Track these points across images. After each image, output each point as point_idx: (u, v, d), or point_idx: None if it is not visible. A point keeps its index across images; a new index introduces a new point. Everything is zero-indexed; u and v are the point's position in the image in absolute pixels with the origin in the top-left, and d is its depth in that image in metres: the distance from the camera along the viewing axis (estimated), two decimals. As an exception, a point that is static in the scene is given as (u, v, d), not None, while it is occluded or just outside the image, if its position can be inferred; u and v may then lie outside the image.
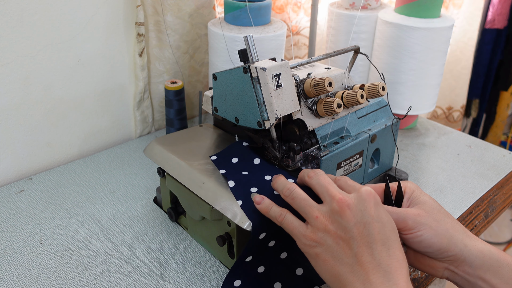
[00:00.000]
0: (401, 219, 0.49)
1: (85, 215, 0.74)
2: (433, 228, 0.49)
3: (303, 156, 0.64)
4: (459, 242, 0.49)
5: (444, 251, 0.49)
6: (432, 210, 0.50)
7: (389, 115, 0.76)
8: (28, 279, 0.61)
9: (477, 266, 0.48)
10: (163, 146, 0.68)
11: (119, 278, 0.62)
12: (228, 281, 0.57)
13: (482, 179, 0.85)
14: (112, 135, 0.96)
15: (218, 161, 0.64)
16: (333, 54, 0.70)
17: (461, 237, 0.49)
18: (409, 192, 0.53)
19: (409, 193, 0.53)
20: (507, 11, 1.74)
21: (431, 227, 0.49)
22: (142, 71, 0.92)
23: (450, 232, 0.49)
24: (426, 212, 0.50)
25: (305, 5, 1.18)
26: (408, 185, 0.54)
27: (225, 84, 0.63)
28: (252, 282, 0.57)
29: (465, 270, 0.49)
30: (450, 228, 0.49)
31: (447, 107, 1.81)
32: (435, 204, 0.52)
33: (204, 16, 0.98)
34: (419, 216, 0.49)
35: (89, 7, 0.82)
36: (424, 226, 0.49)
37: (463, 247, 0.49)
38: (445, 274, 0.50)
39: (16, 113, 0.80)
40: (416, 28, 0.89)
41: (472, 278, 0.49)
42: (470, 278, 0.49)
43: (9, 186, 0.80)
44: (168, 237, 0.69)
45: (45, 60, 0.80)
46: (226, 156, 0.65)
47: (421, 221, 0.49)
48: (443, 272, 0.50)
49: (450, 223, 0.50)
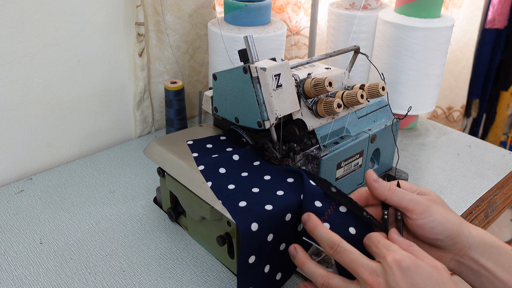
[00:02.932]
0: (415, 201, 0.49)
1: (85, 215, 0.73)
2: (443, 215, 0.49)
3: (303, 156, 0.64)
4: (465, 229, 0.49)
5: (453, 238, 0.49)
6: (438, 200, 0.51)
7: (389, 115, 0.76)
8: (28, 279, 0.61)
9: (480, 253, 0.49)
10: (163, 146, 0.68)
11: (119, 278, 0.62)
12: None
13: (482, 179, 0.85)
14: (112, 135, 0.96)
15: (193, 145, 0.65)
16: (333, 54, 0.70)
17: (466, 225, 0.50)
18: (408, 188, 0.53)
19: (408, 189, 0.53)
20: (507, 11, 1.74)
21: (442, 213, 0.49)
22: (142, 71, 0.92)
23: (457, 219, 0.49)
24: (434, 201, 0.50)
25: (305, 5, 1.18)
26: (403, 183, 0.54)
27: (225, 84, 0.63)
28: (262, 284, 0.57)
29: (470, 258, 0.49)
30: (456, 216, 0.50)
31: (447, 107, 1.81)
32: (438, 196, 0.52)
33: (204, 16, 0.98)
34: (430, 201, 0.50)
35: (89, 7, 0.82)
36: (435, 212, 0.49)
37: (468, 234, 0.49)
38: (450, 265, 0.51)
39: (16, 113, 0.80)
40: (416, 28, 0.89)
41: (476, 267, 0.49)
42: (475, 266, 0.49)
43: (9, 186, 0.80)
44: (168, 237, 0.69)
45: (45, 60, 0.80)
46: (202, 142, 0.66)
47: (433, 206, 0.49)
48: (449, 264, 0.51)
49: (456, 214, 0.51)
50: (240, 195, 0.57)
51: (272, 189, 0.57)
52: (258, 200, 0.55)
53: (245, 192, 0.57)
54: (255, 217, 0.53)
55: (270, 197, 0.56)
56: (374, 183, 0.51)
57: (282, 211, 0.54)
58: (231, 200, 0.56)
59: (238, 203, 0.55)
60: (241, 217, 0.53)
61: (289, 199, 0.55)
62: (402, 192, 0.50)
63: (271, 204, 0.54)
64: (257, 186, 0.58)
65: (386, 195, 0.50)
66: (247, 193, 0.57)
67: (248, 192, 0.57)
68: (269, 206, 0.54)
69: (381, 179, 0.52)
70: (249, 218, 0.53)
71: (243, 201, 0.55)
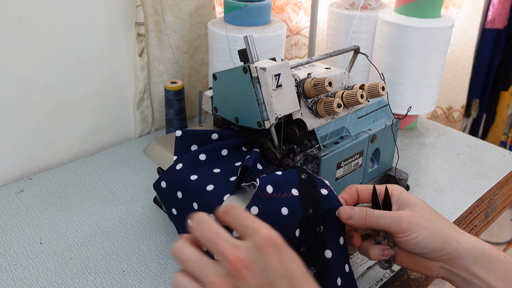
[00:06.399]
0: (395, 222, 0.49)
1: (85, 215, 0.74)
2: (427, 228, 0.48)
3: (303, 156, 0.64)
4: (453, 239, 0.49)
5: (439, 250, 0.48)
6: (423, 211, 0.50)
7: (389, 115, 0.76)
8: (28, 279, 0.61)
9: (471, 262, 0.48)
10: (163, 146, 0.68)
11: (119, 278, 0.62)
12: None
13: (482, 179, 0.85)
14: (112, 135, 0.96)
15: (179, 141, 0.64)
16: (333, 54, 0.70)
17: (454, 234, 0.49)
18: (396, 194, 0.53)
19: (396, 195, 0.53)
20: (507, 11, 1.74)
21: (426, 228, 0.48)
22: (142, 71, 0.92)
23: (443, 231, 0.49)
24: (418, 213, 0.50)
25: (305, 5, 1.18)
26: (394, 188, 0.54)
27: (225, 84, 0.63)
28: None
29: (461, 267, 0.49)
30: (443, 227, 0.49)
31: (447, 107, 1.81)
32: (425, 204, 0.52)
33: (204, 16, 0.98)
34: (412, 217, 0.49)
35: (89, 7, 0.82)
36: (419, 227, 0.48)
37: (457, 244, 0.49)
38: (440, 273, 0.50)
39: (16, 113, 0.80)
40: (416, 28, 0.89)
41: (467, 275, 0.49)
42: (465, 275, 0.49)
43: (9, 186, 0.80)
44: (168, 237, 0.69)
45: (45, 60, 0.80)
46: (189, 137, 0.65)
47: (415, 222, 0.49)
48: (438, 272, 0.50)
49: (442, 222, 0.50)
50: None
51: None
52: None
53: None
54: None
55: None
56: (348, 221, 0.51)
57: None
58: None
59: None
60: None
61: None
62: (380, 216, 0.50)
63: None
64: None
65: (365, 224, 0.50)
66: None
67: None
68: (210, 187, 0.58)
69: (354, 208, 0.50)
70: None
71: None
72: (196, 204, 0.59)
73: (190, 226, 0.40)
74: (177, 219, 0.63)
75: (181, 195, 0.60)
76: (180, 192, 0.60)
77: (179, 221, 0.63)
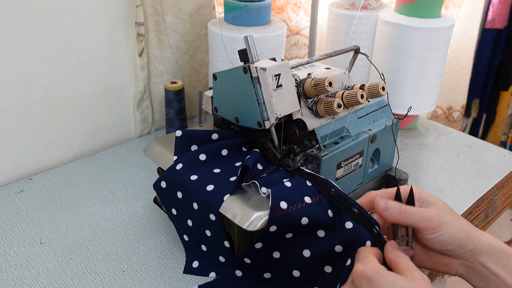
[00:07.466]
0: (426, 219, 0.49)
1: (85, 215, 0.73)
2: (453, 225, 0.49)
3: (303, 156, 0.64)
4: (474, 236, 0.50)
5: (463, 247, 0.49)
6: (446, 209, 0.51)
7: (389, 115, 0.76)
8: (28, 279, 0.61)
9: (489, 259, 0.49)
10: (163, 146, 0.68)
11: (119, 278, 0.62)
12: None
13: (482, 179, 0.85)
14: (112, 135, 0.96)
15: (179, 143, 0.64)
16: (333, 54, 0.70)
17: (474, 231, 0.50)
18: (416, 193, 0.54)
19: (416, 194, 0.54)
20: (507, 11, 1.74)
21: (452, 225, 0.49)
22: (142, 71, 0.92)
23: (466, 228, 0.50)
24: (443, 211, 0.51)
25: (305, 5, 1.18)
26: (413, 188, 0.54)
27: (225, 84, 0.63)
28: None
29: (480, 263, 0.50)
30: (465, 224, 0.50)
31: (447, 107, 1.81)
32: (444, 203, 0.52)
33: (204, 16, 0.98)
34: (439, 215, 0.50)
35: (89, 7, 0.82)
36: (446, 224, 0.49)
37: (477, 241, 0.50)
38: (459, 271, 0.51)
39: (16, 113, 0.80)
40: (416, 28, 0.89)
41: (485, 272, 0.50)
42: (484, 271, 0.50)
43: (9, 186, 0.80)
44: (168, 237, 0.69)
45: (45, 60, 0.80)
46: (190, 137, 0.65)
47: (443, 220, 0.49)
48: (457, 269, 0.51)
49: (463, 220, 0.51)
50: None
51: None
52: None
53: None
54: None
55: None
56: (385, 213, 0.51)
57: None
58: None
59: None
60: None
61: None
62: (412, 212, 0.50)
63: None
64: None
65: (397, 219, 0.50)
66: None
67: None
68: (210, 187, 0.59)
69: (390, 201, 0.51)
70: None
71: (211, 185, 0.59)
72: (196, 204, 0.59)
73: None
74: (177, 219, 0.63)
75: (181, 195, 0.60)
76: (180, 192, 0.60)
77: (179, 221, 0.63)
